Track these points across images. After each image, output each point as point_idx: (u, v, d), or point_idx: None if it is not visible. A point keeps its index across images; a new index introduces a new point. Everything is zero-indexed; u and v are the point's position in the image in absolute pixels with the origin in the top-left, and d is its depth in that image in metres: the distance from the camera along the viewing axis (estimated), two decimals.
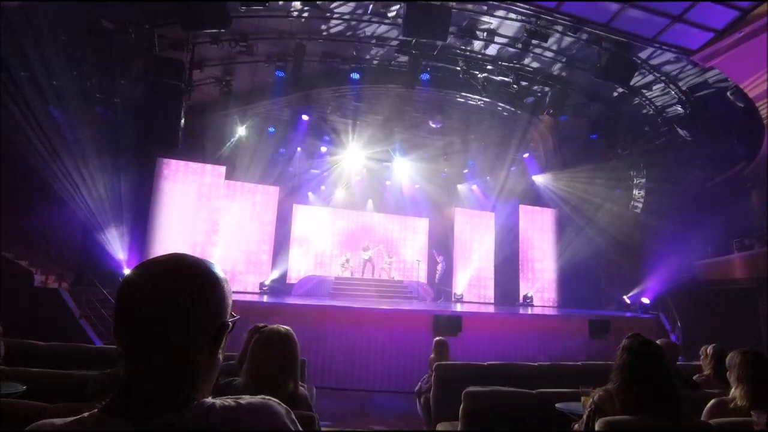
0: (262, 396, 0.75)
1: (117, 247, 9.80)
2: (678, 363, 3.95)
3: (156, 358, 0.69)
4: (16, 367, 3.26)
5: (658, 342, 3.07)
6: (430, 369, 4.78)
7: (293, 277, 14.50)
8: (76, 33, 8.24)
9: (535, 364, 4.71)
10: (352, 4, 9.35)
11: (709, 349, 3.73)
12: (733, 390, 2.33)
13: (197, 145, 11.66)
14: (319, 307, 8.68)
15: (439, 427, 4.05)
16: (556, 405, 3.08)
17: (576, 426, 2.34)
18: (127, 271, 5.48)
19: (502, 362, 4.64)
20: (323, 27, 10.15)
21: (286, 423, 0.72)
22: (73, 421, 0.67)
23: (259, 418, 0.70)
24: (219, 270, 0.78)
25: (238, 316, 0.79)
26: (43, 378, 3.18)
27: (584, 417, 2.34)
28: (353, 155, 14.99)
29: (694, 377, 3.67)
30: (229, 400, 0.71)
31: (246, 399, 0.72)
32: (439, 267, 15.08)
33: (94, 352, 4.58)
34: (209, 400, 0.71)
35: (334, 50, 11.00)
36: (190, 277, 0.73)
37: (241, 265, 12.87)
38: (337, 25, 10.09)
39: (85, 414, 0.68)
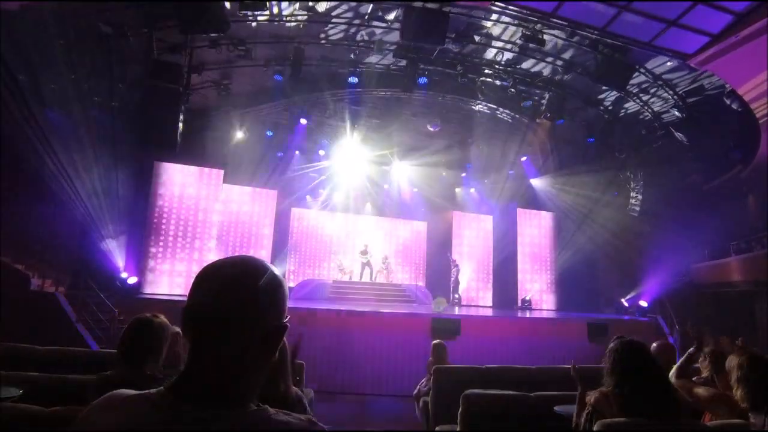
0: (309, 417, 0.78)
1: (114, 251, 9.77)
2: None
3: (218, 352, 0.74)
4: (13, 371, 3.24)
5: (654, 344, 3.08)
6: (429, 372, 4.77)
7: (291, 281, 14.48)
8: (75, 37, 8.25)
9: (534, 367, 4.71)
10: (350, 8, 9.39)
11: (708, 351, 3.73)
12: (734, 391, 2.33)
13: (195, 149, 11.65)
14: (318, 310, 8.66)
15: (437, 429, 4.03)
16: (555, 408, 3.08)
17: (575, 419, 2.34)
18: (124, 275, 5.50)
19: (500, 365, 4.64)
20: (322, 31, 10.18)
21: None
22: (142, 393, 0.75)
23: None
24: (280, 274, 0.82)
25: (289, 317, 0.82)
26: (39, 382, 3.15)
27: (582, 419, 2.34)
28: (351, 159, 15.01)
29: (693, 379, 3.67)
30: (281, 415, 0.75)
31: (295, 416, 0.77)
32: (454, 271, 14.90)
33: (91, 357, 4.55)
34: (270, 409, 0.75)
35: (333, 54, 11.04)
36: (258, 281, 0.77)
37: None
38: (335, 30, 10.13)
39: (153, 390, 0.74)
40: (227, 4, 8.50)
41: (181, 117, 10.00)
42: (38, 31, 7.64)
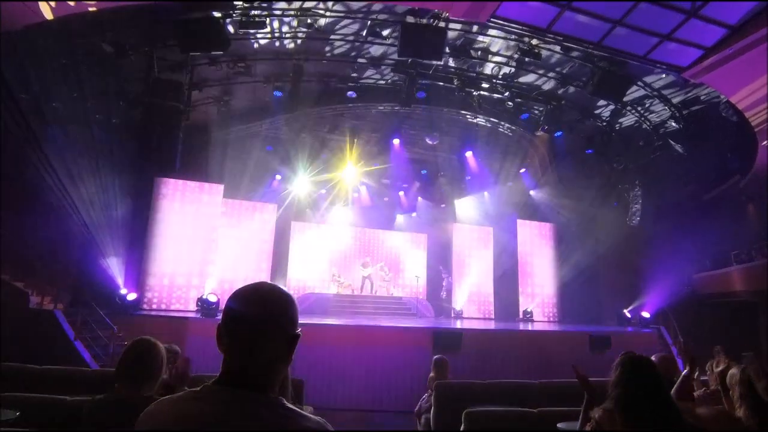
0: (320, 417, 0.95)
1: (114, 267, 9.74)
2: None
3: (249, 357, 0.95)
4: (10, 393, 3.20)
5: (653, 357, 3.06)
6: (430, 388, 4.72)
7: (292, 295, 14.39)
8: (77, 56, 8.36)
9: (536, 382, 4.66)
10: (348, 27, 9.54)
11: (716, 364, 3.70)
12: (737, 408, 2.30)
13: (195, 165, 11.70)
14: (318, 325, 8.60)
15: None
16: (558, 425, 3.04)
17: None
18: (123, 292, 5.50)
19: (502, 380, 4.60)
20: (321, 48, 10.32)
21: None
22: (188, 391, 0.95)
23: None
24: (289, 293, 1.05)
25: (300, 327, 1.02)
26: (36, 403, 3.12)
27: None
28: (351, 172, 15.10)
29: (698, 392, 3.62)
30: (297, 409, 0.93)
31: (309, 414, 0.94)
32: (445, 284, 14.92)
33: (89, 376, 4.52)
34: (284, 399, 0.94)
35: (332, 70, 11.18)
36: (277, 300, 1.00)
37: (239, 283, 12.47)
38: (334, 47, 10.27)
39: (198, 387, 0.94)
40: (228, 24, 8.64)
41: (182, 133, 10.08)
42: (40, 50, 7.75)
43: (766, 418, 2.09)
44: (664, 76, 10.06)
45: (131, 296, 9.63)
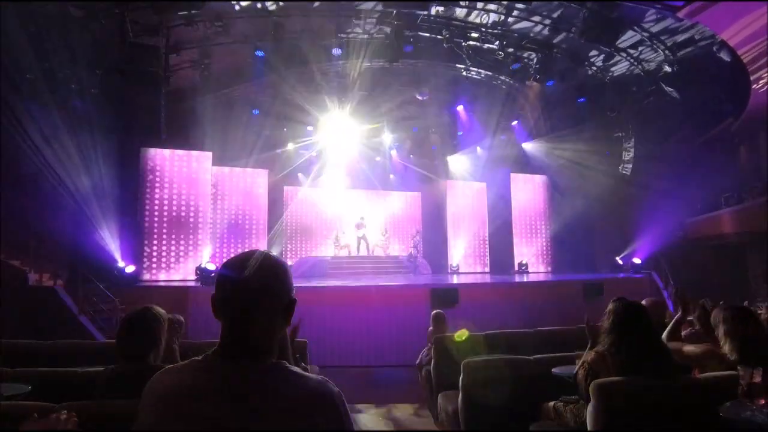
0: (322, 377, 0.97)
1: (109, 240, 9.71)
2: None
3: (247, 325, 0.96)
4: (20, 368, 3.25)
5: (644, 301, 3.16)
6: (430, 341, 4.88)
7: (289, 259, 14.56)
8: (45, 23, 7.91)
9: (532, 330, 4.81)
10: None
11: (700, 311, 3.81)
12: (722, 345, 2.40)
13: (181, 132, 11.41)
14: (317, 288, 8.75)
15: (440, 398, 4.16)
16: (553, 370, 3.16)
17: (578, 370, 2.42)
18: (121, 264, 5.49)
19: (499, 331, 4.74)
20: (302, 4, 9.82)
21: (337, 401, 0.93)
22: (190, 360, 0.96)
23: (317, 390, 0.92)
24: (282, 259, 1.05)
25: (296, 289, 1.04)
26: (47, 377, 3.17)
27: (580, 377, 2.42)
28: (341, 133, 14.82)
29: (685, 332, 3.77)
30: (298, 370, 0.95)
31: (310, 374, 0.97)
32: (414, 239, 14.90)
33: (98, 348, 4.59)
34: (285, 362, 0.96)
35: (314, 26, 10.70)
36: (271, 267, 0.99)
37: (235, 250, 12.86)
38: None
39: (200, 357, 0.96)
40: None
41: (164, 100, 9.75)
42: (5, 19, 7.31)
43: (747, 352, 2.19)
44: (656, 18, 9.74)
45: (129, 268, 9.68)
